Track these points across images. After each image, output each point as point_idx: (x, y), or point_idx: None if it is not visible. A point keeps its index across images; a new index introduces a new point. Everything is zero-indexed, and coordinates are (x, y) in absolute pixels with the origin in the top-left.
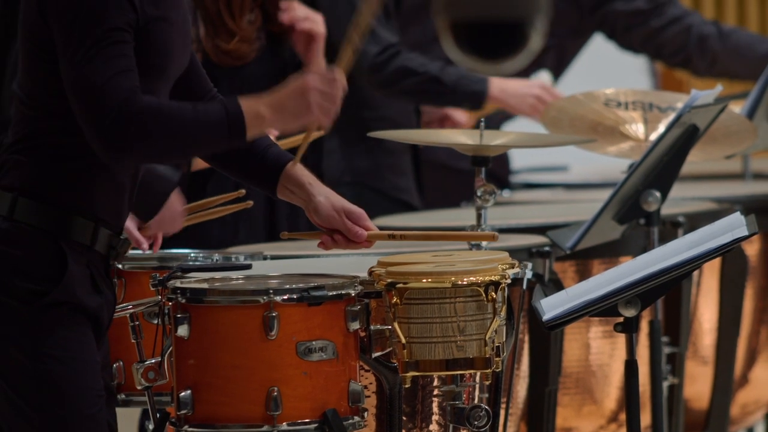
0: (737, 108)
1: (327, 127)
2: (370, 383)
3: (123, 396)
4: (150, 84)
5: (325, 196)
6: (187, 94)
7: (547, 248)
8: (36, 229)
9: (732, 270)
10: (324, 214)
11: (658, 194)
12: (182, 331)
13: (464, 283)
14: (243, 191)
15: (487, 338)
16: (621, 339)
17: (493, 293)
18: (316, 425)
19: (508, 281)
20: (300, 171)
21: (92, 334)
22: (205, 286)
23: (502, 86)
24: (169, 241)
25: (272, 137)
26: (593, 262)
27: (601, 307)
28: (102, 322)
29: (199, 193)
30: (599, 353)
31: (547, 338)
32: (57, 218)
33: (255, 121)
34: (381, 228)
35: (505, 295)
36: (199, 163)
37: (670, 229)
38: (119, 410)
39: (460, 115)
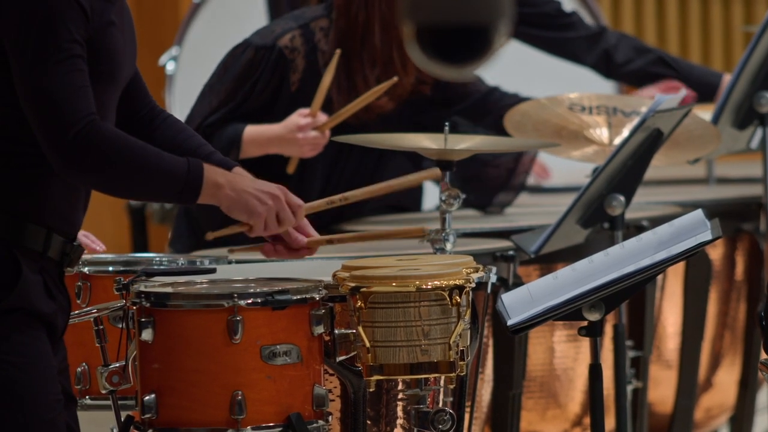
0: (707, 113)
1: (257, 231)
2: (335, 387)
3: (88, 400)
4: (100, 90)
5: None
6: (127, 105)
7: (511, 252)
8: None
9: (696, 274)
10: None
11: (622, 198)
12: (146, 335)
13: (429, 287)
14: None
15: (451, 342)
16: (585, 343)
17: (457, 297)
18: (280, 429)
19: (473, 285)
20: (245, 175)
21: (48, 339)
22: (169, 290)
23: None
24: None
25: None
26: (557, 266)
27: (566, 311)
28: (57, 327)
29: None
30: (563, 357)
31: (511, 342)
32: (9, 225)
33: (211, 189)
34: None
35: (470, 299)
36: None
37: (634, 233)
38: (86, 414)
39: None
